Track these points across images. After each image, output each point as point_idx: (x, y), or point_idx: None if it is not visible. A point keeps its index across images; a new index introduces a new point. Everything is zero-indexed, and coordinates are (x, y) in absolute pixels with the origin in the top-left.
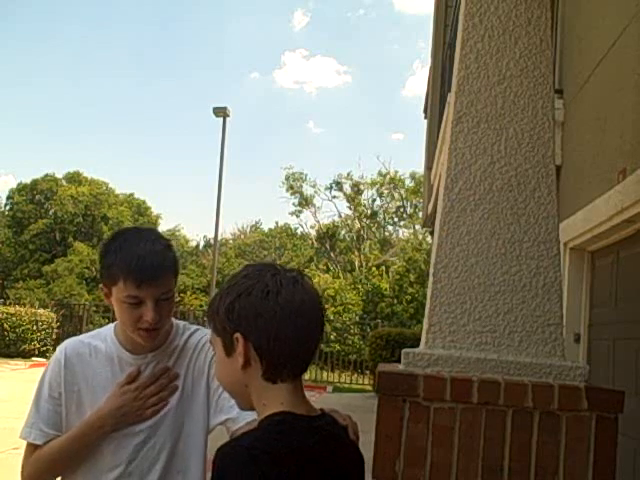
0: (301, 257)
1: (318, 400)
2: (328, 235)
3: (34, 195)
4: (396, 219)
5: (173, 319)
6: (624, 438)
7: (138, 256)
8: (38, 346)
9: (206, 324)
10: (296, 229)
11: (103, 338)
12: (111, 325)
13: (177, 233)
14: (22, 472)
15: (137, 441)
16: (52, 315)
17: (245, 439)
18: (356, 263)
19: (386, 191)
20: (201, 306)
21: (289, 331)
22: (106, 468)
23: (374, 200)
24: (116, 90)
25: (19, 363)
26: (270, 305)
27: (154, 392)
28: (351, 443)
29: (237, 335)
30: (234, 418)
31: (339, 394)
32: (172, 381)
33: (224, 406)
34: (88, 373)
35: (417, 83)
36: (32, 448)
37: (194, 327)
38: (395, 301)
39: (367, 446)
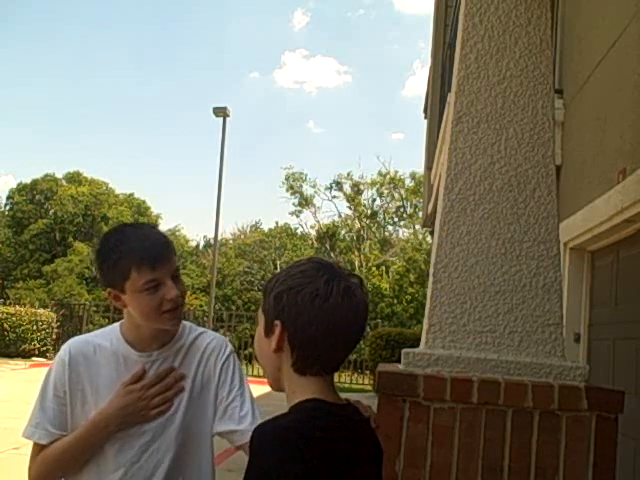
0: (301, 257)
1: None
2: (328, 235)
3: (34, 195)
4: (396, 219)
5: (182, 321)
6: (624, 438)
7: (143, 241)
8: (38, 346)
9: (206, 325)
10: (296, 229)
11: (108, 337)
12: (116, 324)
13: (177, 233)
14: (29, 472)
15: (142, 442)
16: (52, 315)
17: (282, 420)
18: (356, 263)
19: (386, 191)
20: (201, 306)
21: (325, 336)
22: (110, 469)
23: (374, 200)
24: (116, 90)
25: (19, 363)
26: (314, 310)
27: (159, 392)
28: (373, 432)
29: (277, 322)
30: (243, 431)
31: (339, 394)
32: (177, 381)
33: (233, 414)
34: (92, 372)
35: (417, 83)
36: (38, 448)
37: (201, 329)
38: (395, 301)
39: None
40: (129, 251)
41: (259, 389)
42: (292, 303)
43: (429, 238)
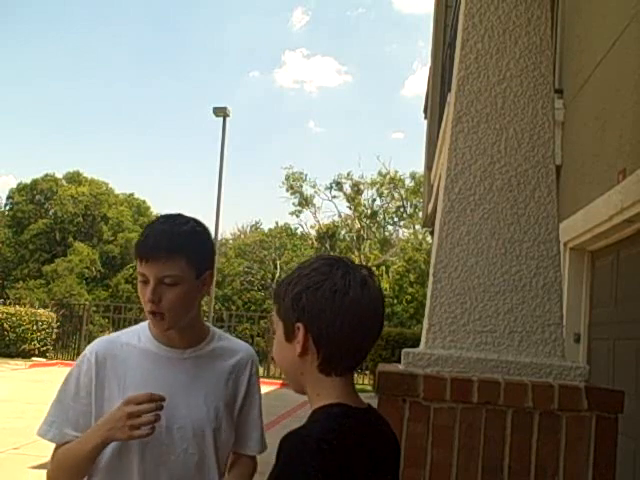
0: (301, 257)
1: None
2: (328, 235)
3: (34, 195)
4: (396, 219)
5: (211, 326)
6: (624, 438)
7: (146, 234)
8: (38, 346)
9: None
10: (296, 229)
11: (136, 335)
12: (145, 322)
13: None
14: (47, 470)
15: (164, 451)
16: (52, 315)
17: (313, 430)
18: (356, 263)
19: (386, 191)
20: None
21: (349, 330)
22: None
23: (374, 200)
24: (116, 90)
25: (19, 363)
26: (336, 304)
27: (142, 412)
28: (393, 436)
29: (299, 324)
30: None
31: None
32: (157, 408)
33: (242, 442)
34: (120, 372)
35: (417, 83)
36: (57, 447)
37: (227, 335)
38: (395, 301)
39: None
40: (140, 237)
41: (265, 387)
42: (312, 302)
43: (429, 238)
